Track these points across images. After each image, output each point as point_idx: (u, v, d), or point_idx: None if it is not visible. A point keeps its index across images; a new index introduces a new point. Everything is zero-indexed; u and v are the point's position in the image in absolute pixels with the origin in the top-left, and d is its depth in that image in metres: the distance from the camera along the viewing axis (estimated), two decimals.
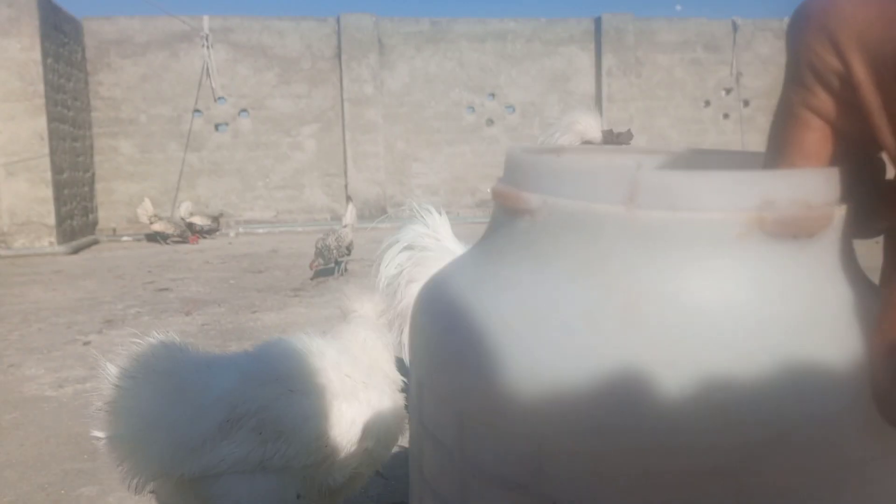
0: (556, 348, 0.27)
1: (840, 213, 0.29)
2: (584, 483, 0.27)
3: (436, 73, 12.08)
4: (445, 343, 0.32)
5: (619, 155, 0.41)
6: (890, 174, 0.30)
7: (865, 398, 0.27)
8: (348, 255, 6.29)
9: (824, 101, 0.28)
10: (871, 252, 0.39)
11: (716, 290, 0.27)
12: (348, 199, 9.20)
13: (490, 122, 12.36)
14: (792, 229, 0.27)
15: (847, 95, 0.27)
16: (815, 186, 0.28)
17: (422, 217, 2.23)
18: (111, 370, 1.45)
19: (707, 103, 13.04)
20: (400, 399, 1.62)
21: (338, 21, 11.67)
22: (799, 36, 0.28)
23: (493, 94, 12.32)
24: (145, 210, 9.93)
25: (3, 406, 3.08)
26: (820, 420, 0.26)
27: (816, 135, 0.28)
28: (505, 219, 0.33)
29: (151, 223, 9.83)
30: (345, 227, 6.36)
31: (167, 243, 9.69)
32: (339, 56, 11.66)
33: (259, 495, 1.39)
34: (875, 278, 0.32)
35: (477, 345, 0.30)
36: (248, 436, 1.38)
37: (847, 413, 0.27)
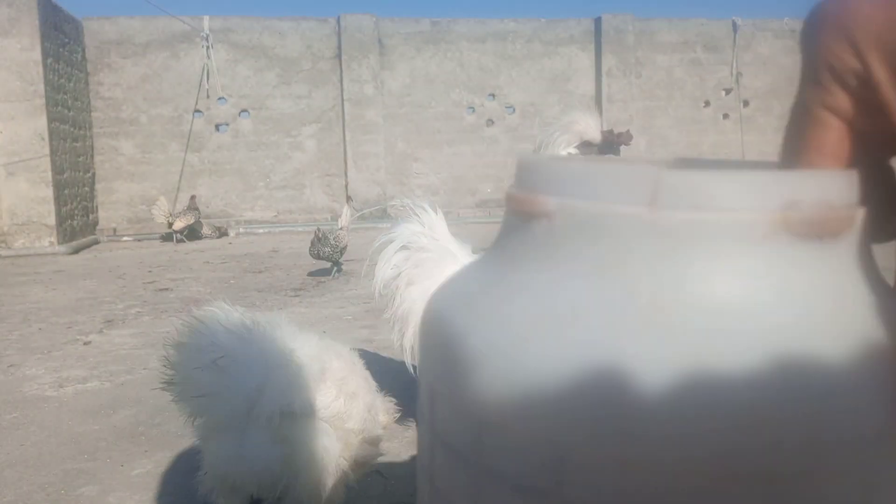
0: (578, 352, 0.27)
1: (861, 214, 0.28)
2: (606, 489, 0.27)
3: (436, 74, 12.09)
4: (459, 349, 0.31)
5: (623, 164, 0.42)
6: None
7: (886, 398, 0.26)
8: (340, 257, 6.31)
9: (843, 100, 0.28)
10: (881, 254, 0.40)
11: (742, 291, 0.27)
12: (348, 199, 9.20)
13: (490, 122, 12.36)
14: (817, 230, 0.27)
15: (866, 95, 0.27)
16: (837, 187, 0.28)
17: (416, 215, 2.19)
18: (213, 328, 1.58)
19: (707, 103, 13.04)
20: None
21: (338, 21, 11.67)
22: (816, 36, 0.28)
23: (493, 95, 12.33)
24: (161, 210, 9.91)
25: (3, 406, 3.08)
26: (843, 420, 0.26)
27: (835, 134, 0.28)
28: (518, 223, 0.32)
29: (170, 223, 9.82)
30: (340, 229, 6.36)
31: (185, 237, 9.69)
32: (339, 56, 11.67)
33: (327, 443, 1.62)
34: (890, 279, 0.32)
35: (493, 350, 0.29)
36: (331, 391, 1.63)
37: (868, 412, 0.26)
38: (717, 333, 0.26)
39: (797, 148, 0.29)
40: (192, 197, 10.42)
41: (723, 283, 0.27)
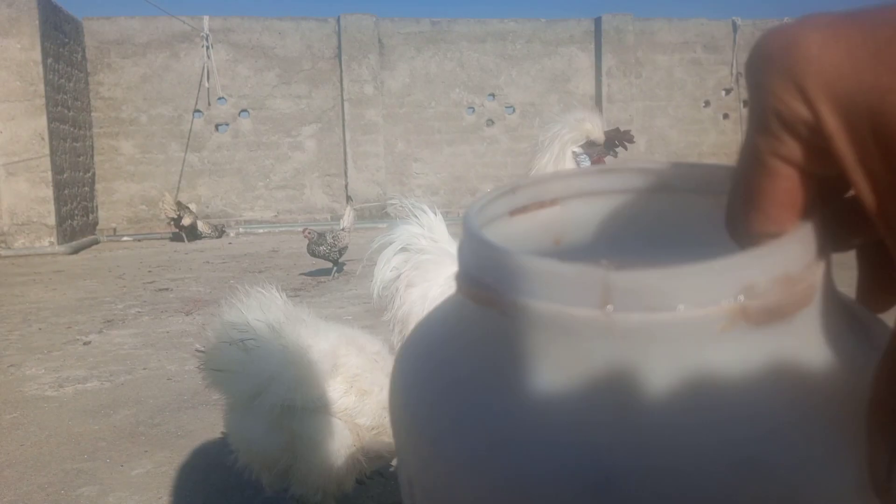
0: (554, 457, 0.27)
1: (821, 273, 0.28)
2: None
3: (436, 74, 12.09)
4: (434, 454, 0.31)
5: (605, 176, 0.38)
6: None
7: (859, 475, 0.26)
8: (340, 257, 6.29)
9: (793, 148, 0.26)
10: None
11: (708, 388, 0.26)
12: (348, 199, 9.21)
13: (490, 122, 12.37)
14: (777, 314, 0.26)
15: (818, 143, 0.25)
16: (793, 256, 0.27)
17: (415, 217, 2.19)
18: (250, 310, 1.70)
19: (707, 103, 13.04)
20: None
21: (338, 21, 11.68)
22: (761, 79, 0.26)
23: (493, 95, 12.33)
24: (169, 205, 9.87)
25: (3, 406, 3.08)
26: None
27: (788, 183, 0.26)
28: (473, 308, 0.31)
29: (181, 218, 9.79)
30: (342, 230, 6.35)
31: (187, 236, 9.69)
32: (339, 56, 11.67)
33: (333, 434, 1.71)
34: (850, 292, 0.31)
35: (469, 457, 0.29)
36: (342, 385, 1.71)
37: (840, 489, 0.26)
38: (686, 434, 0.26)
39: (751, 197, 0.27)
40: (179, 202, 10.36)
41: (687, 382, 0.26)
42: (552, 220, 0.38)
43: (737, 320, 0.26)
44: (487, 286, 0.29)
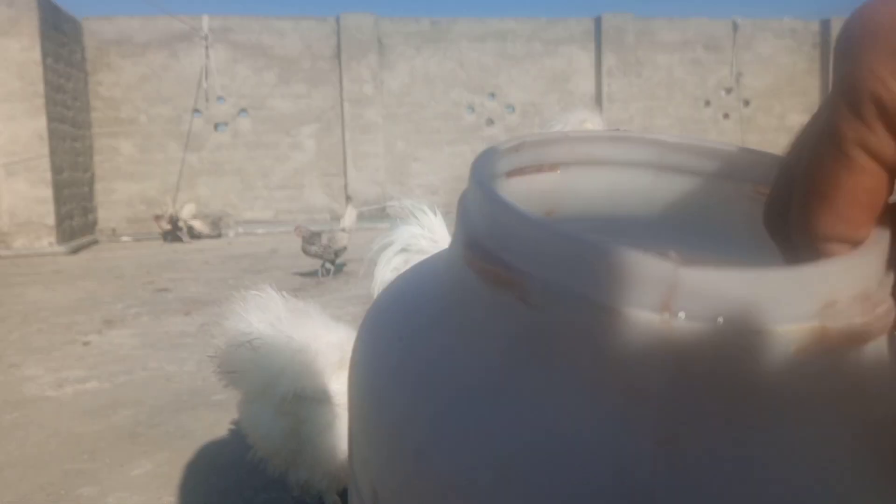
0: (579, 490, 0.22)
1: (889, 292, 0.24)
2: None
3: (436, 73, 12.09)
4: (421, 466, 0.25)
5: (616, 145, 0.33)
6: None
7: None
8: (335, 258, 6.27)
9: (886, 142, 0.21)
10: None
11: (767, 422, 0.22)
12: (348, 199, 9.20)
13: (490, 121, 12.37)
14: (857, 339, 0.22)
15: None
16: (872, 271, 0.23)
17: (416, 217, 2.19)
18: (251, 312, 1.78)
19: (707, 103, 13.04)
20: None
21: (337, 21, 11.67)
22: (860, 54, 0.21)
23: (493, 94, 12.33)
24: (166, 220, 9.85)
25: (3, 406, 3.08)
26: None
27: (870, 181, 0.22)
28: (486, 292, 0.25)
29: (175, 223, 9.79)
30: (342, 230, 6.32)
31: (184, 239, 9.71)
32: (338, 56, 11.67)
33: (342, 421, 1.73)
34: None
35: (468, 476, 0.24)
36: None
37: None
38: (736, 473, 0.22)
39: (822, 193, 0.23)
40: (171, 215, 10.36)
41: (740, 411, 0.22)
42: (549, 187, 0.33)
43: (814, 343, 0.22)
44: (507, 264, 0.24)
